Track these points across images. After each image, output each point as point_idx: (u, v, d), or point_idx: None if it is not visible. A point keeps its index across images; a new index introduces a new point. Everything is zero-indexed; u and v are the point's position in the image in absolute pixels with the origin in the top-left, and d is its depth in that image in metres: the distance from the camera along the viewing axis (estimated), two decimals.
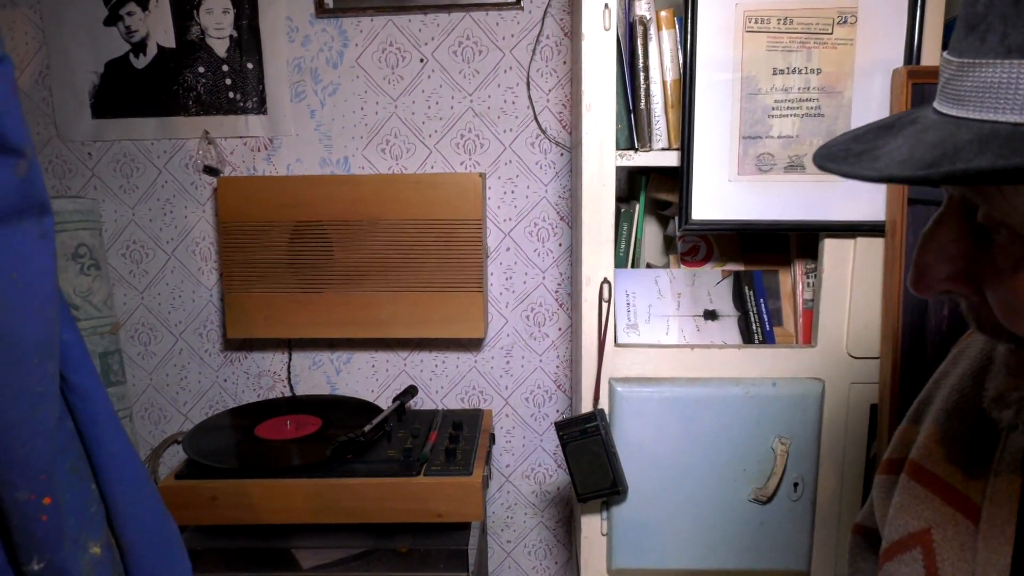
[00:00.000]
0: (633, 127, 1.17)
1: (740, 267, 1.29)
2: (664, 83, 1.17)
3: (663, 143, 1.18)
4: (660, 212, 1.37)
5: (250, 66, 1.54)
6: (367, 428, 1.33)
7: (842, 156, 0.43)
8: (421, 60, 1.52)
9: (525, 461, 1.67)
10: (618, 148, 1.16)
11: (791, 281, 1.26)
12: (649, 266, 1.35)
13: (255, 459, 1.32)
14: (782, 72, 1.11)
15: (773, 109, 1.11)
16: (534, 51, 1.51)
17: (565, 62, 1.52)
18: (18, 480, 0.59)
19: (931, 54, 1.10)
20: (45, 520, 0.61)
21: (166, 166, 1.60)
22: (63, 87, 1.57)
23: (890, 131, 0.43)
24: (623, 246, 1.29)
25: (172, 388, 1.69)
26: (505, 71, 1.52)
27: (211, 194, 1.60)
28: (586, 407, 1.21)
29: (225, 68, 1.55)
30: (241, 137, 1.57)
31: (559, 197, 1.56)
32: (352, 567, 1.27)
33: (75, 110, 1.58)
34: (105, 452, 0.69)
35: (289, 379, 1.66)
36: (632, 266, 1.30)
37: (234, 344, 1.66)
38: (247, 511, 1.26)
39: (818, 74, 1.11)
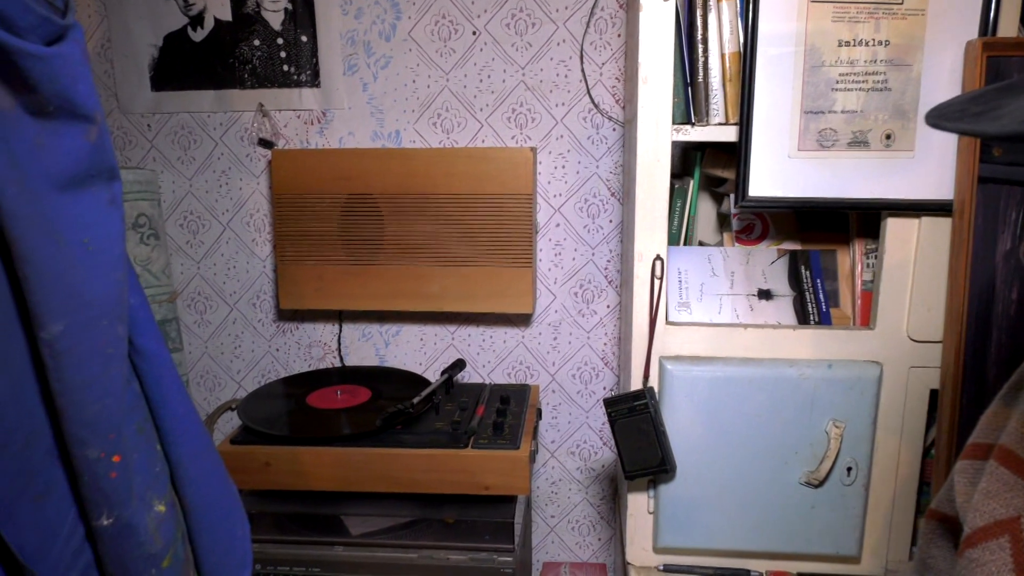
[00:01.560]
0: (690, 101, 1.15)
1: (796, 246, 1.26)
2: (723, 56, 1.14)
3: (720, 118, 1.15)
4: (714, 189, 1.34)
5: (304, 39, 1.55)
6: (416, 400, 1.35)
7: (957, 116, 0.42)
8: (473, 33, 1.51)
9: (570, 438, 1.68)
10: (674, 123, 1.14)
11: (850, 261, 1.23)
12: (701, 244, 1.33)
13: (307, 427, 1.35)
14: (848, 44, 1.07)
15: (837, 83, 1.08)
16: (588, 23, 1.49)
17: (619, 35, 1.49)
18: (89, 438, 0.61)
19: (1008, 25, 1.05)
20: (114, 477, 0.63)
21: (222, 138, 1.62)
22: (124, 60, 1.60)
23: (1011, 91, 0.41)
24: (676, 223, 1.27)
25: (226, 356, 1.73)
26: (558, 44, 1.50)
27: (265, 166, 1.62)
28: (635, 385, 1.20)
29: (280, 41, 1.56)
30: (295, 110, 1.59)
31: (610, 173, 1.54)
32: (400, 536, 1.29)
33: (135, 82, 1.61)
34: (170, 414, 0.71)
35: (339, 350, 1.69)
36: (684, 243, 1.28)
37: (286, 315, 1.69)
38: (298, 477, 1.29)
39: (886, 46, 1.07)
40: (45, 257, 0.57)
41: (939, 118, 0.43)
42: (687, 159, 1.34)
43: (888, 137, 1.09)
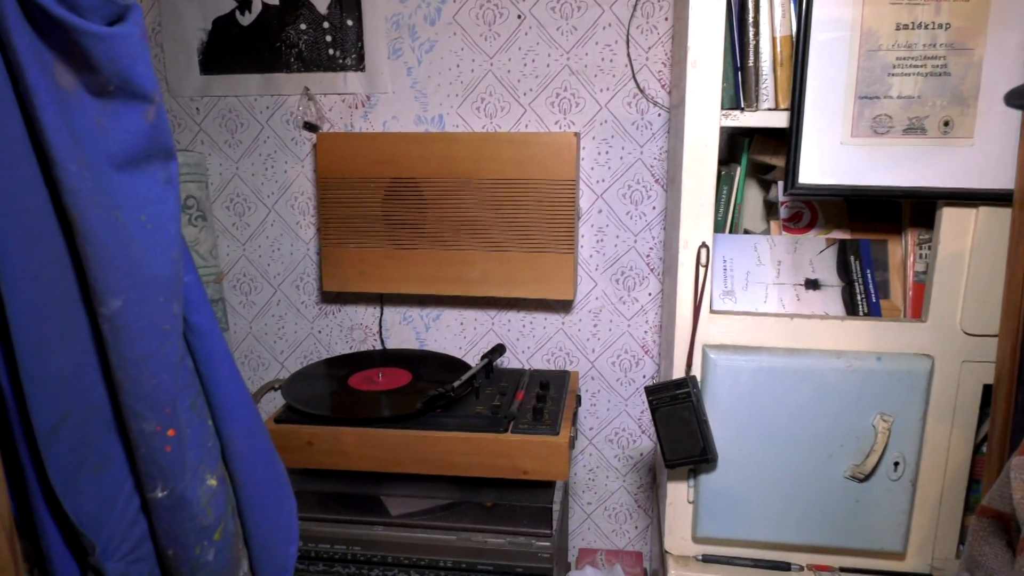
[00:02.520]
0: (739, 86, 1.13)
1: (846, 235, 1.23)
2: (774, 39, 1.11)
3: (770, 103, 1.13)
4: (761, 176, 1.32)
5: (350, 23, 1.56)
6: (456, 383, 1.35)
7: None
8: (519, 16, 1.50)
9: (609, 425, 1.67)
10: (723, 108, 1.12)
11: (902, 251, 1.20)
12: (747, 232, 1.31)
13: (349, 408, 1.37)
14: (906, 27, 1.04)
15: (894, 67, 1.05)
16: (635, 7, 1.47)
17: (667, 19, 1.47)
18: (146, 412, 0.63)
19: None
20: (169, 451, 0.65)
21: (268, 122, 1.64)
22: (174, 43, 1.63)
23: None
24: (721, 210, 1.25)
25: (270, 337, 1.76)
26: (604, 28, 1.48)
27: (310, 150, 1.64)
28: (677, 373, 1.19)
29: (326, 25, 1.57)
30: (340, 94, 1.60)
31: (655, 159, 1.52)
32: (438, 517, 1.30)
33: (184, 66, 1.63)
34: (221, 391, 0.73)
35: (380, 333, 1.70)
36: (730, 231, 1.26)
37: (329, 297, 1.71)
38: (340, 457, 1.31)
39: (947, 29, 1.03)
40: (105, 234, 0.58)
41: (1018, 96, 0.41)
42: (734, 145, 1.32)
43: (946, 124, 1.05)
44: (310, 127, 1.61)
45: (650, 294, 1.59)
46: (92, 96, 0.59)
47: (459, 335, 1.68)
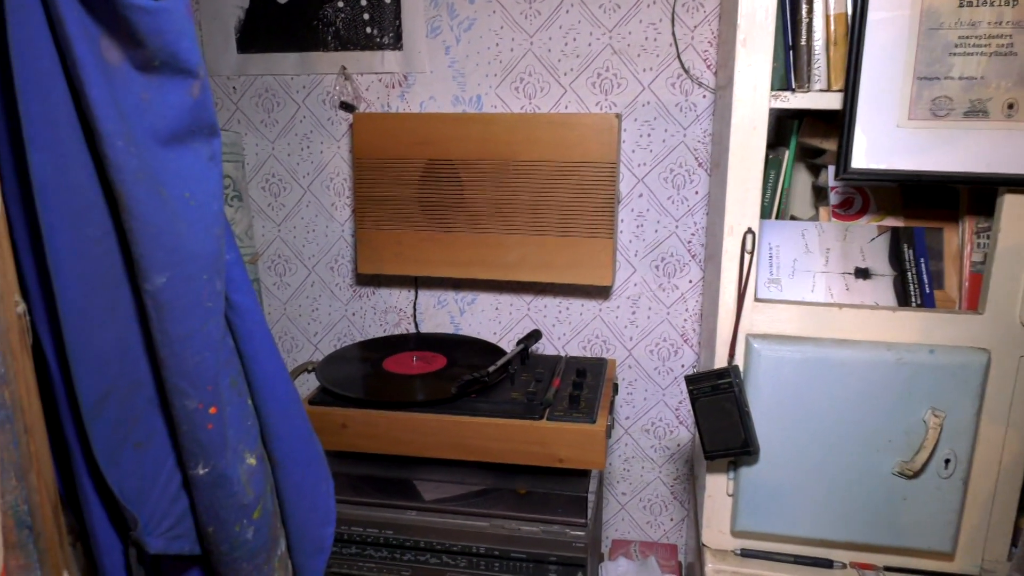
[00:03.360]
0: (791, 66, 1.10)
1: (899, 222, 1.20)
2: (828, 17, 1.09)
3: (822, 84, 1.10)
4: (810, 160, 1.29)
5: (387, 0, 1.56)
6: (492, 368, 1.35)
7: None
8: None
9: (646, 415, 1.66)
10: (772, 89, 1.10)
11: (958, 240, 1.17)
12: (794, 218, 1.29)
13: (383, 391, 1.38)
14: (970, 4, 1.01)
15: (956, 47, 1.02)
16: None
17: None
18: (189, 389, 0.64)
19: None
20: (211, 428, 0.66)
21: (304, 101, 1.65)
22: (211, 21, 1.64)
23: None
24: (768, 195, 1.23)
25: (304, 319, 1.78)
26: (648, 5, 1.46)
27: (346, 130, 1.65)
28: (718, 363, 1.18)
29: (363, 2, 1.57)
30: (376, 73, 1.60)
31: (698, 142, 1.50)
32: (472, 503, 1.31)
33: (222, 44, 1.65)
34: (260, 369, 0.74)
35: (415, 316, 1.71)
36: (776, 217, 1.24)
37: (363, 279, 1.72)
38: (374, 440, 1.32)
39: (1013, 6, 1.00)
40: (150, 210, 0.59)
41: None
42: (782, 128, 1.30)
43: (1011, 106, 1.02)
44: (346, 107, 1.62)
45: (691, 281, 1.57)
46: (138, 71, 0.59)
47: (494, 320, 1.68)
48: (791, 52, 1.10)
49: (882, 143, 1.05)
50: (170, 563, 0.77)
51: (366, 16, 1.57)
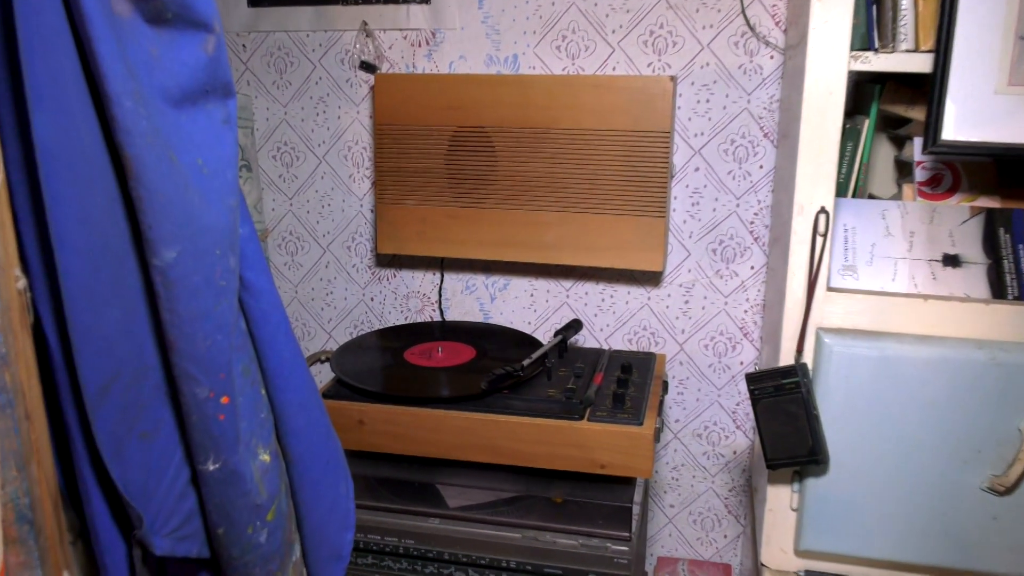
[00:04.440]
0: (873, 23, 1.09)
1: (995, 203, 1.19)
2: None
3: (909, 44, 1.09)
4: (893, 131, 1.28)
5: None
6: (526, 362, 1.36)
7: None
8: None
9: (698, 417, 1.66)
10: (852, 49, 1.09)
11: None
12: (873, 197, 1.27)
13: (405, 385, 1.40)
14: None
15: None
16: None
17: None
18: (199, 375, 0.66)
19: None
20: (222, 419, 0.67)
21: (320, 60, 1.67)
22: None
23: None
24: (844, 171, 1.22)
25: (317, 303, 1.81)
26: None
27: (367, 93, 1.66)
28: (784, 360, 1.18)
29: None
30: (401, 30, 1.61)
31: (764, 109, 1.49)
32: (501, 512, 1.32)
33: None
34: (276, 357, 0.75)
35: (439, 302, 1.73)
36: (853, 196, 1.23)
37: (383, 260, 1.74)
38: (394, 439, 1.34)
39: None
40: (159, 177, 0.60)
41: None
42: (860, 95, 1.28)
43: None
44: (367, 67, 1.63)
45: (752, 267, 1.56)
46: (148, 25, 0.61)
47: (529, 308, 1.69)
48: (874, 7, 1.09)
49: (977, 112, 1.04)
50: (177, 566, 0.79)
51: None
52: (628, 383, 1.40)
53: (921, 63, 1.08)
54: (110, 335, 0.64)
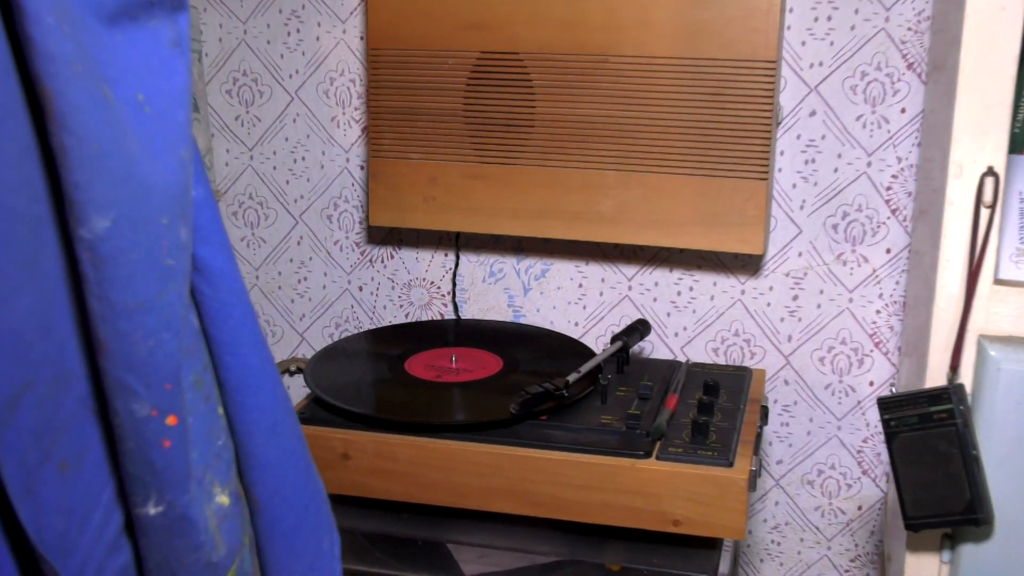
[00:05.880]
0: None
1: None
2: None
3: None
4: None
5: None
6: (572, 377, 1.37)
7: None
8: None
9: (809, 457, 1.67)
10: None
11: None
12: None
13: (405, 407, 1.41)
14: None
15: None
16: None
17: None
18: (138, 387, 0.67)
19: None
20: (168, 447, 0.69)
21: None
22: None
23: None
24: (1021, 119, 1.22)
25: (285, 293, 1.83)
26: None
27: (357, 5, 1.67)
28: (933, 379, 1.18)
29: None
30: None
31: (908, 30, 1.49)
32: None
33: None
34: (239, 364, 0.76)
35: (454, 294, 1.74)
36: None
37: (378, 236, 1.76)
38: (391, 480, 1.36)
39: None
40: (90, 119, 0.61)
41: None
42: None
43: None
44: None
45: (889, 251, 1.56)
46: None
47: (576, 302, 1.70)
48: None
49: None
50: None
51: None
52: (713, 408, 1.40)
53: None
54: (20, 331, 0.65)
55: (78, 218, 0.63)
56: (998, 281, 1.15)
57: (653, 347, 1.69)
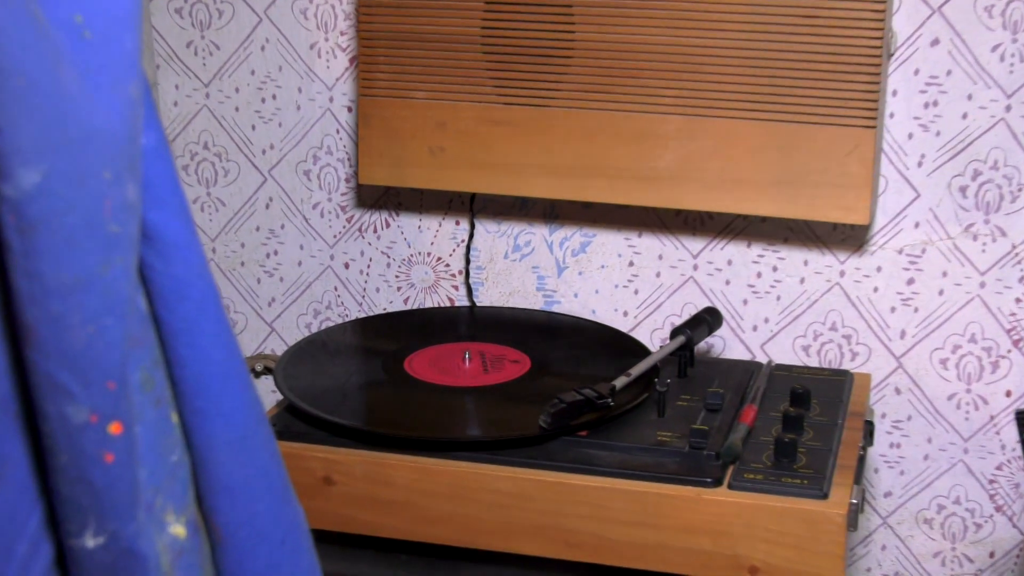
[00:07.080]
0: None
1: None
2: None
3: None
4: None
5: None
6: (619, 382, 1.38)
7: None
8: None
9: (927, 488, 1.67)
10: None
11: None
12: None
13: (404, 417, 1.42)
14: None
15: None
16: None
17: None
18: (73, 386, 0.68)
19: None
20: (110, 462, 0.70)
21: None
22: None
23: None
24: None
25: (250, 271, 1.84)
26: None
27: None
28: None
29: None
30: None
31: None
32: None
33: None
34: (197, 358, 0.77)
35: (467, 273, 1.75)
36: None
37: (369, 197, 1.77)
38: (385, 512, 1.37)
39: None
40: (15, 52, 0.63)
41: None
42: None
43: None
44: None
45: None
46: None
47: (624, 284, 1.71)
48: None
49: None
50: None
51: None
52: (801, 423, 1.40)
53: None
54: None
55: (0, 172, 0.65)
56: None
57: (725, 344, 1.70)
